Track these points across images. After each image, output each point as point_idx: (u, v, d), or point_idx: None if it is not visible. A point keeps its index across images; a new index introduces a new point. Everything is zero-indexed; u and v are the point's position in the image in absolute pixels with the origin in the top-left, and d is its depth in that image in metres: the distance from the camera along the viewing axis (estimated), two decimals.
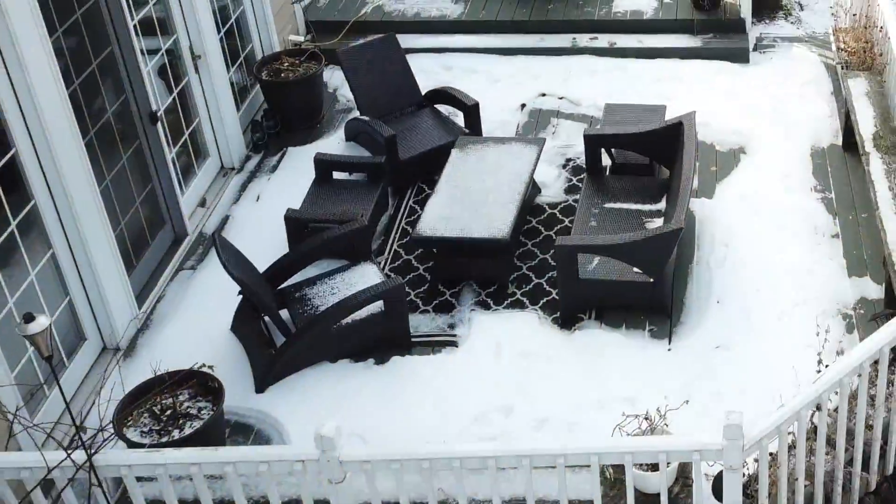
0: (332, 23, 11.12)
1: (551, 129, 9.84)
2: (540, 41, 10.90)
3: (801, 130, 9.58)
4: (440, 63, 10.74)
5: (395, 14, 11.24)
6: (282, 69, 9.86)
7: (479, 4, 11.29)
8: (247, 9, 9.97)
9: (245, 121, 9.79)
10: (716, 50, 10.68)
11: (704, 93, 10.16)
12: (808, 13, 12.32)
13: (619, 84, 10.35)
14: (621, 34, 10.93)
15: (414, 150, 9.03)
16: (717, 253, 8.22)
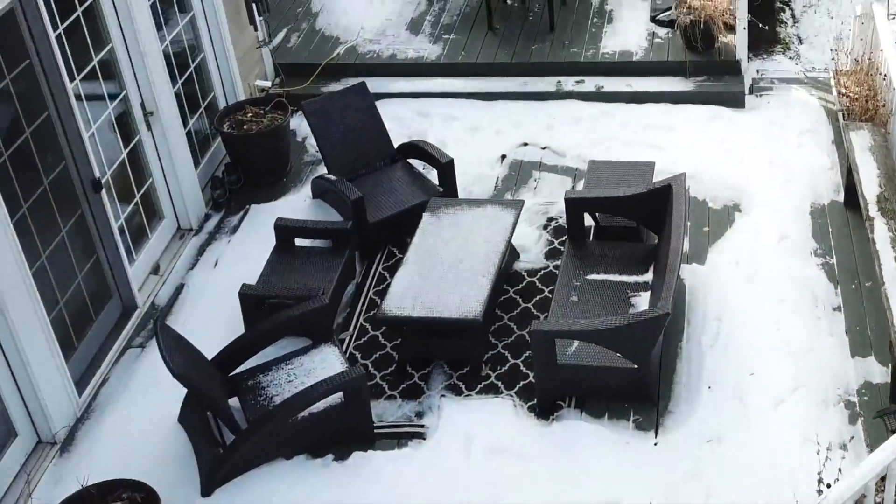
0: (303, 66, 10.48)
1: (533, 184, 9.21)
2: (523, 85, 10.26)
3: (799, 185, 8.94)
4: (416, 109, 10.11)
5: (369, 56, 10.60)
6: (245, 120, 9.22)
7: (458, 45, 10.65)
8: (208, 55, 9.33)
9: (205, 177, 9.16)
10: (709, 94, 10.05)
11: (697, 142, 9.53)
12: (808, 47, 11.70)
13: (605, 132, 9.72)
14: (609, 77, 10.30)
15: (383, 212, 8.40)
16: (709, 329, 7.59)
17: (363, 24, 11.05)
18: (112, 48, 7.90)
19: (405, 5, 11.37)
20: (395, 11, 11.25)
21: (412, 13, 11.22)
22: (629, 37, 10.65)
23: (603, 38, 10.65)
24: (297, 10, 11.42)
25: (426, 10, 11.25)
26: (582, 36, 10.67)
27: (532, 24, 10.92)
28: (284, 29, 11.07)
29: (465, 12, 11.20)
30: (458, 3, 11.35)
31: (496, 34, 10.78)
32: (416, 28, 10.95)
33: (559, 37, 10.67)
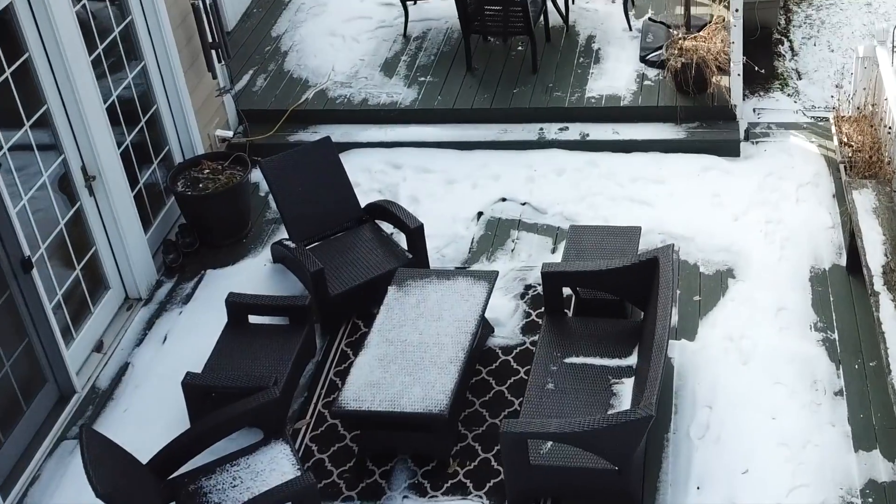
0: (269, 112, 9.82)
1: (510, 245, 8.55)
2: (503, 133, 9.60)
3: (798, 246, 8.29)
4: (389, 160, 9.46)
5: (339, 101, 9.93)
6: (201, 178, 8.57)
7: (434, 88, 9.99)
8: (161, 107, 8.67)
9: (157, 240, 8.50)
10: (702, 142, 9.38)
11: (688, 196, 8.87)
12: (807, 83, 11.02)
13: (590, 185, 9.07)
14: (595, 123, 9.63)
15: (347, 284, 7.74)
16: (699, 418, 6.93)
17: (335, 64, 10.39)
18: (48, 109, 7.24)
19: (380, 44, 10.71)
20: (370, 50, 10.60)
21: (387, 52, 10.57)
22: (617, 78, 9.99)
23: (589, 79, 9.99)
24: (264, 48, 10.76)
25: (402, 49, 10.59)
26: (567, 78, 10.01)
27: (514, 63, 10.27)
28: (250, 71, 10.41)
29: (443, 51, 10.55)
30: (437, 41, 10.70)
31: (475, 76, 10.12)
32: (391, 69, 10.29)
33: (542, 79, 10.01)
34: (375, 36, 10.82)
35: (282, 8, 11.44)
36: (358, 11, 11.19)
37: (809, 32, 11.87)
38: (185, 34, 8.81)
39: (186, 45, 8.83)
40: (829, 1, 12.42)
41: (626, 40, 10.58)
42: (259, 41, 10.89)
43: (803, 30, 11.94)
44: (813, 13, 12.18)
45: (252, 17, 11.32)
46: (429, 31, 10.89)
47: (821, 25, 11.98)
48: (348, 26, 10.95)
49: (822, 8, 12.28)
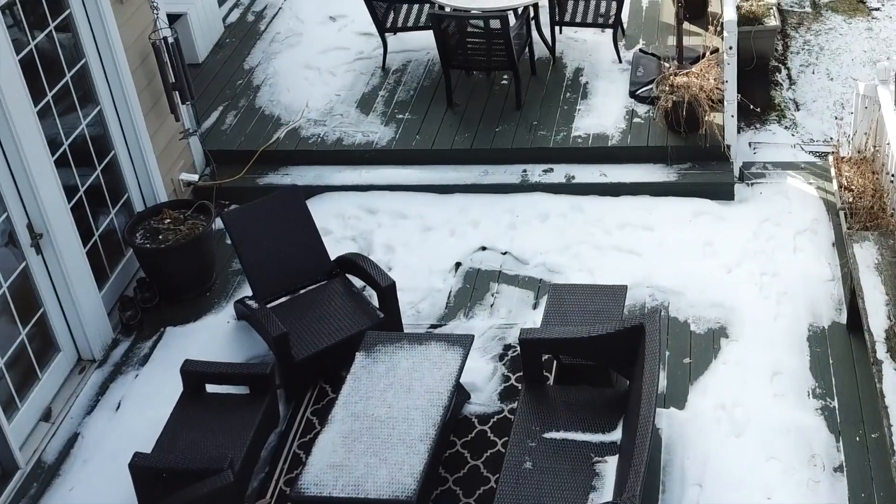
0: (238, 153, 9.32)
1: (489, 300, 8.05)
2: (483, 175, 9.10)
3: (795, 301, 7.80)
4: (363, 204, 8.96)
5: (312, 140, 9.43)
6: (161, 228, 8.07)
7: (413, 127, 9.49)
8: (120, 152, 8.18)
9: (113, 296, 8.01)
10: (694, 185, 8.89)
11: (679, 245, 8.38)
12: (805, 114, 10.53)
13: (575, 233, 8.57)
14: (581, 164, 9.14)
15: (313, 347, 7.25)
16: (689, 498, 6.44)
17: (309, 100, 9.89)
18: None
19: (358, 77, 10.21)
20: (346, 85, 10.10)
21: (364, 87, 10.07)
22: (606, 115, 9.50)
23: (576, 116, 9.49)
24: (236, 82, 10.26)
25: (380, 84, 10.09)
26: (552, 114, 9.51)
27: (497, 99, 9.77)
28: (220, 107, 9.91)
29: (423, 85, 10.05)
30: (417, 75, 10.20)
31: (456, 112, 9.62)
32: (368, 106, 9.79)
33: (527, 116, 9.51)
34: (353, 69, 10.32)
35: (256, 38, 10.95)
36: (335, 42, 10.70)
37: (808, 59, 11.39)
38: (146, 74, 8.32)
39: (147, 85, 8.34)
40: (828, 25, 11.95)
41: (616, 73, 10.09)
42: (231, 74, 10.39)
43: (801, 56, 11.46)
44: (811, 38, 11.70)
45: (225, 47, 10.83)
46: (409, 63, 10.39)
47: (819, 52, 11.51)
48: (325, 58, 10.46)
49: (820, 33, 11.80)
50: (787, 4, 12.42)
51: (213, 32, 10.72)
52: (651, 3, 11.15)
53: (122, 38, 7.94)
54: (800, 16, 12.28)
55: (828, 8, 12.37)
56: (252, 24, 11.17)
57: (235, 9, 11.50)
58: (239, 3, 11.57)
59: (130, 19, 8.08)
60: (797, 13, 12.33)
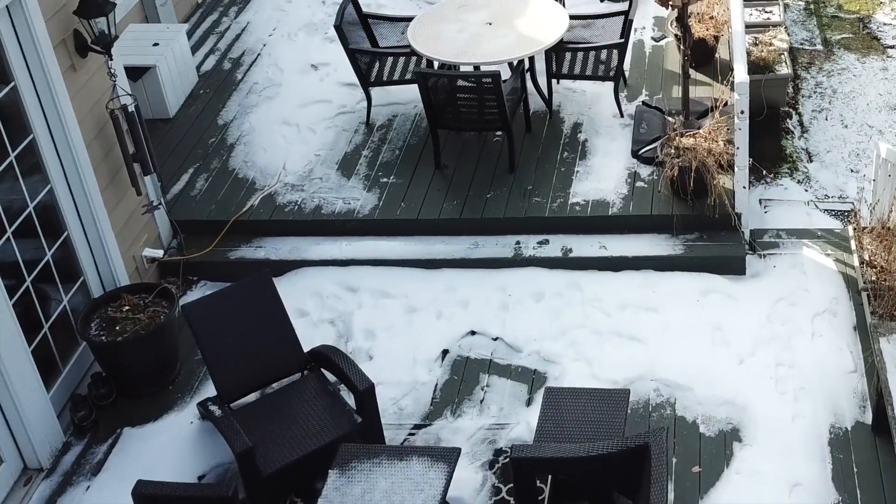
0: (208, 223, 8.61)
1: (479, 395, 7.35)
2: (473, 248, 8.40)
3: (814, 398, 7.11)
4: (343, 281, 8.26)
5: (289, 208, 8.71)
6: (118, 318, 7.37)
7: (398, 192, 8.78)
8: (74, 233, 7.48)
9: (64, 394, 7.31)
10: (701, 259, 8.19)
11: (686, 331, 7.68)
12: (818, 166, 9.83)
13: (572, 315, 7.87)
14: (579, 235, 8.43)
15: (283, 459, 6.54)
16: None
17: (286, 161, 9.18)
18: None
19: (339, 134, 9.50)
20: (327, 143, 9.39)
21: (347, 145, 9.35)
22: (606, 178, 8.79)
23: (574, 180, 8.78)
24: (209, 139, 9.55)
25: (364, 142, 9.38)
26: (548, 177, 8.80)
27: (489, 159, 9.06)
28: (190, 169, 9.20)
29: (410, 143, 9.34)
30: (403, 131, 9.49)
31: (445, 176, 8.91)
32: (350, 168, 9.08)
33: (521, 179, 8.81)
34: (334, 125, 9.61)
35: (232, 88, 10.24)
36: (317, 94, 9.99)
37: (820, 104, 10.70)
38: (103, 146, 7.62)
39: (105, 158, 7.64)
40: (841, 65, 11.25)
41: (617, 129, 9.38)
42: (203, 130, 9.67)
43: (813, 100, 10.76)
44: (823, 80, 11.00)
45: (198, 99, 10.11)
46: (395, 117, 9.68)
47: (832, 95, 10.81)
48: (305, 112, 9.75)
49: (833, 74, 11.10)
50: (797, 42, 11.72)
51: (185, 84, 10.01)
52: (654, 49, 10.45)
53: (75, 108, 7.24)
54: (811, 54, 11.58)
55: (840, 45, 11.68)
56: (228, 73, 10.47)
57: (211, 55, 10.79)
58: (215, 50, 10.87)
59: (84, 87, 7.38)
60: (808, 51, 11.63)
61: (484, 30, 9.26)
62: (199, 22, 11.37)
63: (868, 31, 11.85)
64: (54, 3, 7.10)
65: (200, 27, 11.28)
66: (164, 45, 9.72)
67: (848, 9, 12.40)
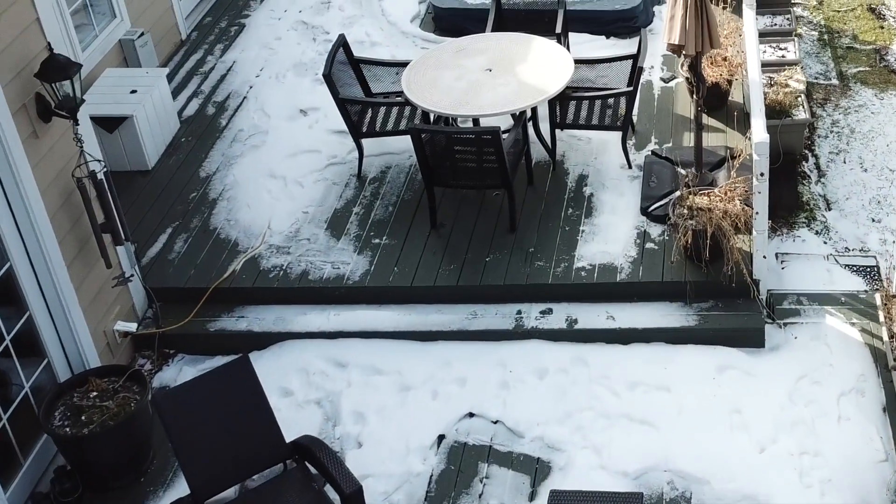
0: (187, 290, 8.02)
1: (477, 488, 6.78)
2: (471, 318, 7.81)
3: (842, 491, 6.55)
4: (331, 356, 7.68)
5: (273, 274, 8.12)
6: (84, 406, 6.77)
7: (390, 256, 8.19)
8: (37, 313, 6.89)
9: (24, 491, 6.71)
10: (717, 330, 7.60)
11: (701, 415, 7.11)
12: (837, 215, 9.23)
13: (578, 396, 7.29)
14: (585, 303, 7.84)
15: None
16: None
17: (271, 219, 8.59)
18: None
19: (329, 189, 8.91)
20: (316, 198, 8.80)
21: (336, 201, 8.76)
22: (613, 240, 8.20)
23: (579, 241, 8.19)
24: (189, 194, 8.96)
25: (355, 197, 8.79)
26: (552, 239, 8.21)
27: (488, 217, 8.47)
28: (168, 229, 8.61)
29: (404, 198, 8.75)
30: (397, 185, 8.91)
31: (441, 236, 8.32)
32: (340, 227, 8.49)
33: (522, 241, 8.22)
34: (324, 178, 9.02)
35: (216, 136, 9.65)
36: (305, 142, 9.40)
37: (838, 144, 10.11)
38: (70, 216, 7.04)
39: (71, 229, 7.06)
40: (858, 101, 10.67)
41: (625, 182, 8.79)
42: (184, 184, 9.08)
43: (830, 141, 10.18)
44: (840, 118, 10.41)
45: (179, 149, 9.52)
46: (388, 169, 9.10)
47: (850, 136, 10.21)
48: (292, 164, 9.15)
49: (850, 111, 10.51)
50: (812, 76, 11.14)
51: (166, 132, 9.42)
52: (664, 91, 9.86)
53: (37, 178, 6.66)
54: (826, 90, 10.99)
55: (856, 80, 11.09)
56: (212, 119, 9.87)
57: (195, 98, 10.20)
58: (199, 92, 10.28)
59: (48, 155, 6.80)
60: (823, 86, 11.04)
61: (483, 77, 8.68)
62: (183, 61, 10.78)
63: (885, 64, 11.28)
64: (13, 66, 6.52)
65: (184, 67, 10.69)
66: (142, 93, 9.14)
67: (863, 39, 11.83)
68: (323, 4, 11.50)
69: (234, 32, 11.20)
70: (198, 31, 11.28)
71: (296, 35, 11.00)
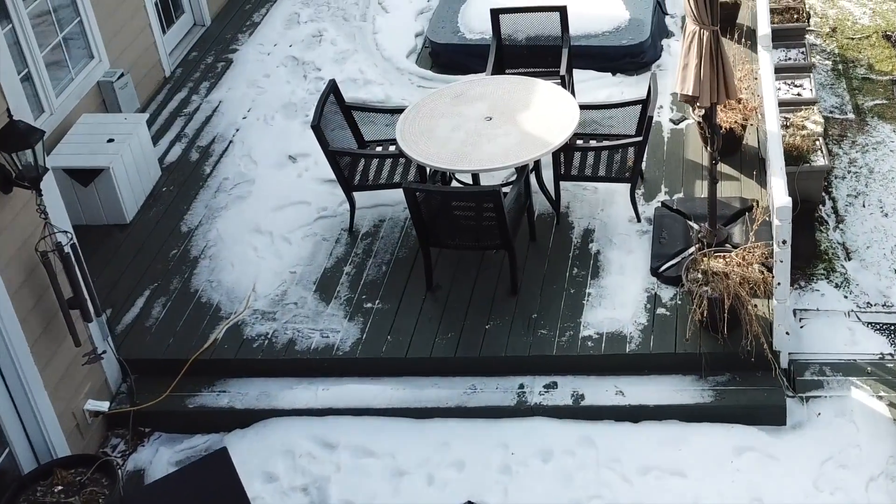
0: (164, 362, 7.47)
1: None
2: (470, 392, 7.27)
3: None
4: (319, 435, 7.14)
5: (258, 343, 7.57)
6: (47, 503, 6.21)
7: (383, 323, 7.64)
8: None
9: None
10: (735, 407, 7.06)
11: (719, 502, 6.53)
12: (857, 266, 8.69)
13: (586, 482, 6.75)
14: (592, 377, 7.30)
15: None
16: None
17: (257, 280, 8.05)
18: None
19: (318, 245, 8.36)
20: (304, 257, 8.25)
21: (326, 259, 8.21)
22: (622, 305, 7.66)
23: (585, 306, 7.64)
24: (169, 251, 8.41)
25: (346, 255, 8.24)
26: (556, 303, 7.67)
27: (488, 277, 7.93)
28: (146, 290, 8.07)
29: (398, 257, 8.21)
30: (391, 241, 8.37)
31: (438, 300, 7.78)
32: (329, 289, 7.94)
33: (524, 305, 7.67)
34: (313, 232, 8.47)
35: (199, 185, 9.10)
36: (294, 193, 8.86)
37: (856, 186, 9.58)
38: (34, 292, 6.49)
39: (36, 305, 6.52)
40: (876, 138, 10.15)
41: (634, 237, 8.25)
42: (164, 240, 8.53)
43: (848, 182, 9.65)
44: (857, 156, 9.89)
45: (160, 199, 8.97)
46: (382, 222, 8.55)
47: (868, 176, 9.69)
48: (279, 217, 8.60)
49: (867, 149, 9.99)
50: (826, 110, 10.61)
51: (146, 182, 8.87)
52: (673, 134, 9.32)
53: None
54: (842, 125, 10.46)
55: (873, 114, 10.56)
56: (196, 166, 9.32)
57: (178, 143, 9.64)
58: (182, 136, 9.72)
59: (9, 228, 6.26)
60: (839, 121, 10.51)
61: (483, 127, 8.13)
62: (166, 101, 10.22)
63: None
64: None
65: (167, 107, 10.14)
66: (120, 141, 8.58)
67: (879, 69, 11.32)
68: (314, 38, 10.96)
69: (220, 69, 10.65)
70: (182, 68, 10.72)
71: (285, 72, 10.45)
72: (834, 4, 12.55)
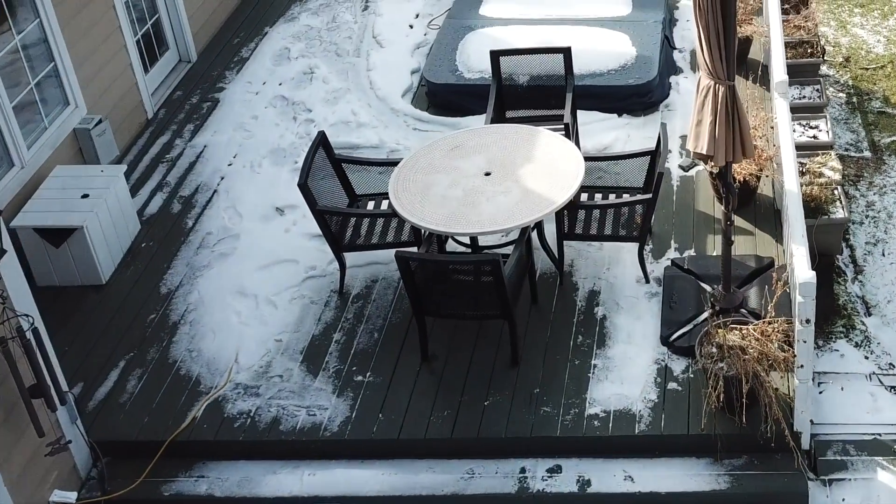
0: (138, 444, 6.96)
1: None
2: (468, 478, 6.76)
3: None
4: None
5: (239, 422, 7.05)
6: None
7: (375, 399, 7.12)
8: None
9: None
10: (753, 495, 6.55)
11: None
12: (878, 323, 8.20)
13: None
14: (599, 460, 6.79)
15: None
16: None
17: (240, 349, 7.53)
18: None
19: (306, 309, 7.85)
20: (291, 322, 7.73)
21: (314, 326, 7.70)
22: (630, 379, 7.15)
23: (591, 380, 7.13)
24: (147, 316, 7.89)
25: (335, 320, 7.73)
26: (559, 377, 7.16)
27: (487, 346, 7.42)
28: (121, 361, 7.56)
29: (391, 322, 7.69)
30: (384, 304, 7.86)
31: (433, 372, 7.27)
32: (317, 359, 7.43)
33: (525, 379, 7.16)
34: (300, 294, 7.95)
35: (181, 240, 8.58)
36: (281, 250, 8.34)
37: (874, 233, 9.09)
38: None
39: None
40: (893, 178, 9.66)
41: (642, 300, 7.74)
42: (141, 304, 8.01)
43: (866, 228, 9.16)
44: (875, 200, 9.40)
45: (139, 256, 8.45)
46: (374, 283, 8.04)
47: (888, 221, 9.21)
48: (265, 277, 8.09)
49: (885, 191, 9.50)
50: (841, 147, 10.11)
51: (123, 238, 8.35)
52: (683, 181, 8.82)
53: None
54: (858, 164, 9.97)
55: (890, 151, 10.09)
56: (177, 218, 8.80)
57: (159, 192, 9.12)
58: (163, 185, 9.20)
59: None
60: (854, 160, 10.02)
61: (481, 183, 7.62)
62: (148, 146, 9.70)
63: None
64: None
65: (148, 153, 9.62)
66: (95, 196, 8.06)
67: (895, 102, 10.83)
68: (305, 75, 10.44)
69: (206, 109, 10.13)
70: (166, 108, 10.21)
71: (274, 113, 9.93)
72: (847, 32, 12.05)
